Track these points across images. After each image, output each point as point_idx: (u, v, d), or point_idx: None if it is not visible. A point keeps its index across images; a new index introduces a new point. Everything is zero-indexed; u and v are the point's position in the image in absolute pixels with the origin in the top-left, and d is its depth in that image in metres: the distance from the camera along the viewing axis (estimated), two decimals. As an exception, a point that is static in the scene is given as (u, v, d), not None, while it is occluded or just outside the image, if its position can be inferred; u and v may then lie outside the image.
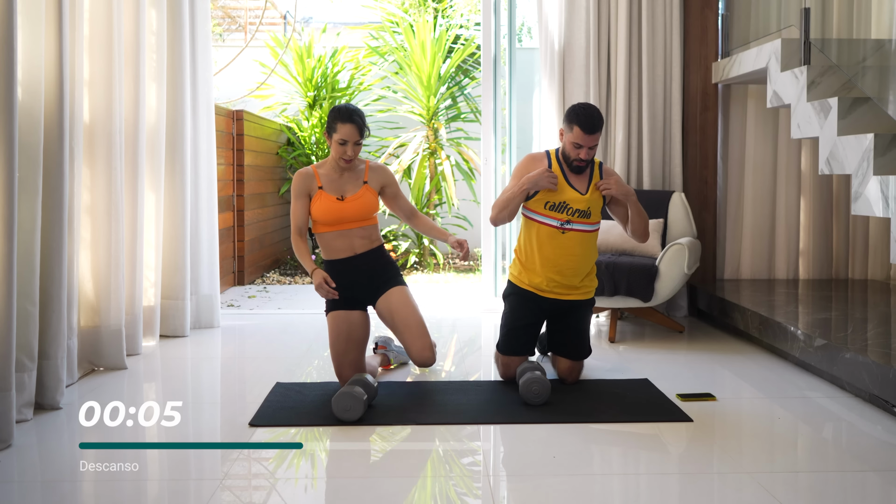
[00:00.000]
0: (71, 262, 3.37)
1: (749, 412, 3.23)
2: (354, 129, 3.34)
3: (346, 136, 3.33)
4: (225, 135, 6.27)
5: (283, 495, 2.44)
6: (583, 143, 3.35)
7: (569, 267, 3.43)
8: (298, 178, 3.43)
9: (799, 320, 3.99)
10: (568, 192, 3.41)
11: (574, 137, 3.36)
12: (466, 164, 7.93)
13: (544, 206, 3.42)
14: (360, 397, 2.99)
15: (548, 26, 5.01)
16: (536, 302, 3.50)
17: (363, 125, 3.38)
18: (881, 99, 3.77)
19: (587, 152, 3.36)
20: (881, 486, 2.53)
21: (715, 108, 5.08)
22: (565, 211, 3.41)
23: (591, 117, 3.34)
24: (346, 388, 3.01)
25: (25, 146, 2.96)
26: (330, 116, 3.37)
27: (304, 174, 3.44)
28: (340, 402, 2.97)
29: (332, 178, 3.43)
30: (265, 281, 7.01)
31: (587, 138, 3.34)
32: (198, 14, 4.60)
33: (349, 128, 3.32)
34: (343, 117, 3.33)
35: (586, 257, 3.46)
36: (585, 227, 3.42)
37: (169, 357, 4.08)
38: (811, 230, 5.20)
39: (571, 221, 3.40)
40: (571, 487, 2.48)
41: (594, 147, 3.38)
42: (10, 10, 2.69)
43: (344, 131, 3.32)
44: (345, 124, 3.32)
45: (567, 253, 3.42)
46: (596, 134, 3.35)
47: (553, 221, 3.41)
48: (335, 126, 3.34)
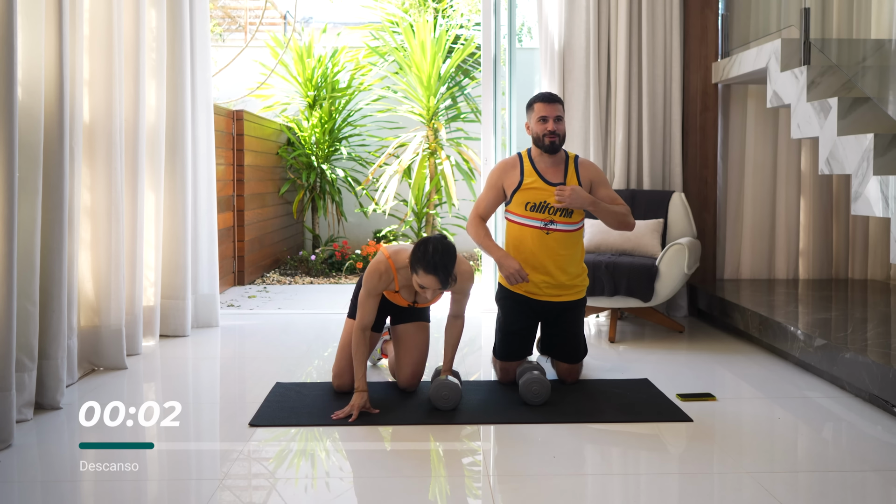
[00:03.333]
0: (71, 261, 3.37)
1: (749, 412, 3.23)
2: (436, 281, 2.98)
3: (427, 283, 2.99)
4: (225, 135, 6.27)
5: (283, 495, 2.44)
6: (547, 114, 3.40)
7: (556, 267, 3.43)
8: (374, 279, 3.13)
9: (799, 320, 3.99)
10: (545, 191, 3.42)
11: (537, 112, 3.42)
12: (466, 164, 7.93)
13: (525, 206, 3.43)
14: (458, 388, 3.13)
15: (548, 26, 5.01)
16: (528, 305, 3.51)
17: (447, 279, 2.99)
18: (881, 99, 3.77)
19: (554, 123, 3.40)
20: (881, 486, 2.53)
21: (715, 108, 5.08)
22: (547, 210, 3.40)
23: (547, 92, 3.47)
24: (441, 381, 3.13)
25: (25, 146, 2.96)
26: (412, 258, 2.99)
27: (381, 276, 3.14)
28: (440, 391, 3.11)
29: (409, 283, 3.19)
30: (265, 281, 7.01)
31: (549, 107, 3.40)
32: (197, 14, 4.60)
33: (431, 279, 2.97)
34: (427, 267, 2.95)
35: (572, 257, 3.46)
36: (568, 226, 3.42)
37: (169, 357, 4.08)
38: (811, 230, 5.20)
39: (554, 221, 3.40)
40: (572, 487, 2.48)
41: (560, 118, 3.42)
42: (10, 10, 2.69)
43: (426, 281, 2.98)
44: (428, 275, 2.96)
45: (553, 254, 3.42)
46: (556, 104, 3.42)
47: (536, 223, 3.42)
48: (416, 270, 2.98)
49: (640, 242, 4.51)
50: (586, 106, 4.96)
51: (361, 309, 3.13)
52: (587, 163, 3.53)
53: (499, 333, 3.55)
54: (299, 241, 8.60)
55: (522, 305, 3.50)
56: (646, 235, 4.53)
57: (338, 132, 8.12)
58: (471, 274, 3.20)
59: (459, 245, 8.55)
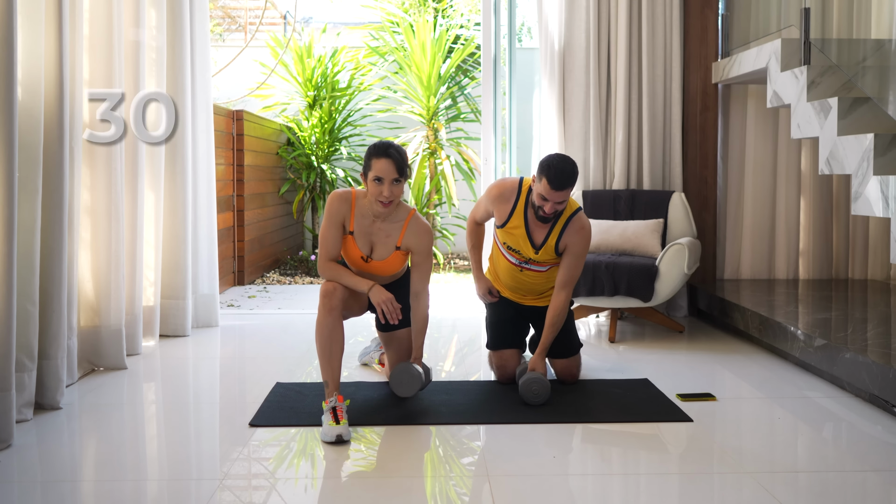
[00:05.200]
0: (71, 261, 3.37)
1: (749, 412, 3.23)
2: (391, 165, 2.96)
3: (382, 172, 2.97)
4: (225, 135, 6.27)
5: (283, 495, 2.44)
6: (549, 199, 3.19)
7: (529, 291, 3.54)
8: (335, 203, 3.11)
9: (799, 320, 3.99)
10: (523, 244, 3.40)
11: (541, 190, 3.20)
12: (466, 163, 7.93)
13: (503, 244, 3.49)
14: (419, 376, 3.14)
15: (548, 26, 5.01)
16: (514, 306, 3.59)
17: (403, 161, 2.98)
18: (881, 99, 3.77)
19: (552, 206, 3.21)
20: (881, 486, 2.53)
21: (715, 107, 5.08)
22: (519, 254, 3.44)
23: (562, 173, 3.16)
24: (404, 365, 3.14)
25: (25, 146, 2.96)
26: (365, 154, 3.03)
27: (341, 199, 3.11)
28: (400, 376, 3.12)
29: (365, 223, 3.14)
30: (265, 281, 7.01)
31: (554, 194, 3.18)
32: (197, 14, 4.60)
33: (385, 163, 2.97)
34: (378, 152, 2.98)
35: (546, 286, 3.53)
36: (542, 268, 3.46)
37: (169, 357, 4.08)
38: (811, 230, 5.20)
39: (530, 262, 3.44)
40: (571, 487, 2.48)
41: (562, 202, 3.22)
42: (10, 10, 2.69)
43: (379, 167, 2.97)
44: (380, 159, 2.97)
45: (525, 285, 3.52)
46: (564, 191, 3.18)
47: (513, 259, 3.47)
48: (370, 162, 2.99)
49: (640, 242, 4.51)
50: (586, 106, 4.96)
51: (324, 241, 3.11)
52: (576, 229, 3.33)
53: (489, 327, 3.60)
54: (299, 241, 8.61)
55: (509, 303, 3.59)
56: (646, 235, 4.53)
57: (338, 132, 8.12)
58: (428, 229, 3.16)
59: (460, 245, 8.57)
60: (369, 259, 3.18)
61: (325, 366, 3.00)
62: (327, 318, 3.02)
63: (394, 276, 3.29)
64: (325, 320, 3.02)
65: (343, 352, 3.05)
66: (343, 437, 2.80)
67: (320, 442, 2.84)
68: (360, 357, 3.90)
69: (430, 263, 3.22)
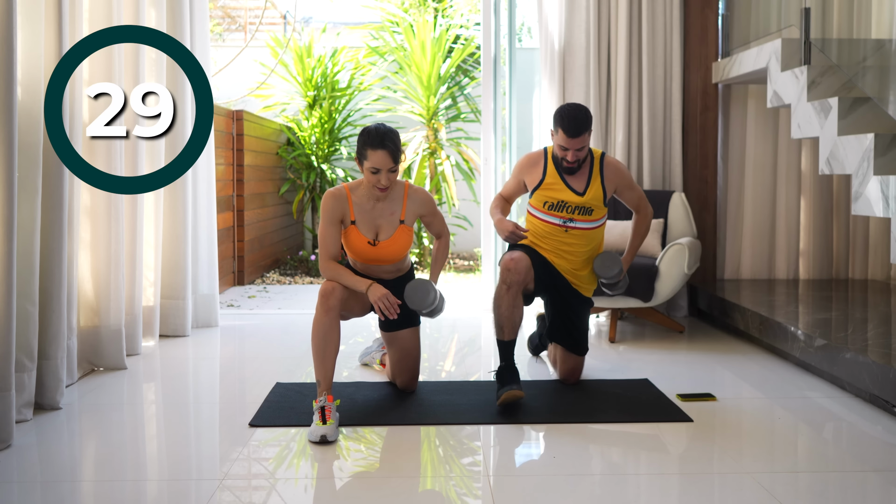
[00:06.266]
0: (71, 262, 3.37)
1: (749, 412, 3.23)
2: (387, 157, 2.99)
3: (379, 163, 2.99)
4: (225, 135, 6.27)
5: (283, 495, 2.44)
6: (568, 147, 3.27)
7: (572, 260, 3.43)
8: (330, 202, 3.11)
9: (799, 320, 3.99)
10: (565, 193, 3.39)
11: (559, 140, 3.29)
12: (466, 164, 7.93)
13: (543, 205, 3.41)
14: (434, 289, 3.11)
15: (548, 26, 5.01)
16: (545, 262, 3.44)
17: (398, 150, 3.02)
18: (881, 99, 3.77)
19: (574, 154, 3.28)
20: (881, 486, 2.53)
21: (715, 107, 5.08)
22: (565, 209, 3.38)
23: (575, 120, 3.24)
24: (421, 279, 3.12)
25: (25, 146, 2.96)
26: (359, 141, 3.03)
27: (336, 197, 3.12)
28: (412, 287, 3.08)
29: (366, 209, 3.14)
30: (265, 281, 7.01)
31: (572, 141, 3.26)
32: (197, 14, 4.60)
33: (381, 155, 2.98)
34: (373, 143, 2.98)
35: (590, 254, 3.45)
36: (588, 224, 3.40)
37: (169, 357, 4.07)
38: (811, 230, 5.20)
39: (574, 219, 3.38)
40: (571, 487, 2.48)
41: (582, 148, 3.29)
42: (10, 10, 2.69)
43: (375, 159, 2.98)
44: (376, 151, 2.97)
45: (571, 249, 3.41)
46: (581, 136, 3.25)
47: (555, 220, 3.39)
48: (365, 153, 3.00)
49: (640, 242, 4.51)
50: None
51: (324, 241, 3.12)
52: (613, 166, 3.44)
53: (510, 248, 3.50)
54: (299, 241, 8.60)
55: (538, 255, 3.44)
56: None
57: (338, 132, 8.12)
58: (427, 193, 3.26)
59: (460, 245, 8.56)
60: (376, 242, 3.18)
61: (318, 365, 3.02)
62: (324, 318, 3.03)
63: (399, 265, 3.28)
64: (321, 320, 3.03)
65: (338, 352, 3.05)
66: (328, 438, 2.80)
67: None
68: (360, 357, 3.90)
69: (441, 216, 3.34)
